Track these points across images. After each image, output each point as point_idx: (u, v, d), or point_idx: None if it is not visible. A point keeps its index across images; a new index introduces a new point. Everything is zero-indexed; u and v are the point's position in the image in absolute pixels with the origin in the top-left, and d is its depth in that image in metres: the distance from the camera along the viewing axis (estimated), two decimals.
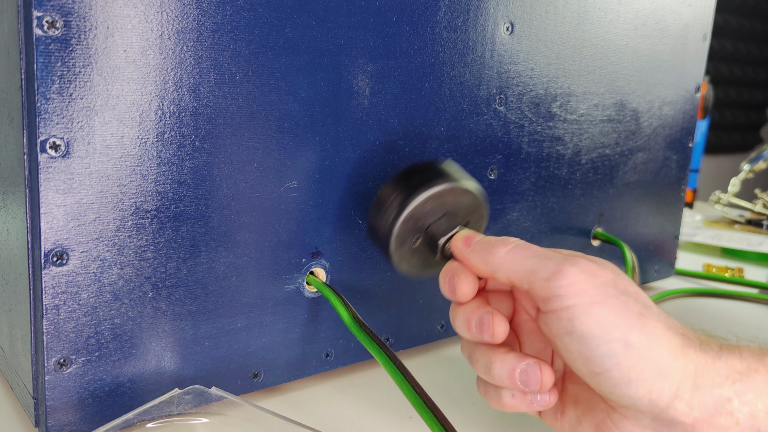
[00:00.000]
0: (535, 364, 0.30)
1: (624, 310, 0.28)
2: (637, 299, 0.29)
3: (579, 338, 0.28)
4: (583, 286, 0.29)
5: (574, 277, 0.29)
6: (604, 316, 0.28)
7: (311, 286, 0.41)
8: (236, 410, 0.35)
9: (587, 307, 0.28)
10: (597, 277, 0.29)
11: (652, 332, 0.28)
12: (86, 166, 0.32)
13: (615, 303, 0.29)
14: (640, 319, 0.28)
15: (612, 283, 0.29)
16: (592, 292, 0.29)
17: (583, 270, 0.29)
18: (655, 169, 0.62)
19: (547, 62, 0.50)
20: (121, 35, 0.31)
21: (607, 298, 0.29)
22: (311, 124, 0.38)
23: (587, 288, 0.29)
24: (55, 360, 0.32)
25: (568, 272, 0.29)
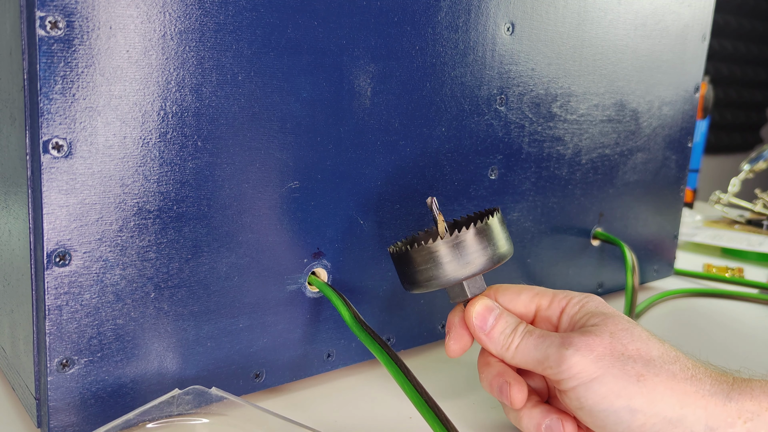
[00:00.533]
0: (558, 420, 0.34)
1: (623, 377, 0.31)
2: (637, 358, 0.32)
3: (589, 412, 0.32)
4: (582, 365, 0.31)
5: (571, 360, 0.32)
6: (605, 389, 0.31)
7: (313, 287, 0.41)
8: (236, 410, 0.35)
9: (588, 386, 0.31)
10: (593, 351, 0.32)
11: (653, 391, 0.31)
12: (89, 167, 0.32)
13: (614, 373, 0.31)
14: (639, 382, 0.31)
15: (609, 352, 0.32)
16: (591, 370, 0.31)
17: (578, 350, 0.32)
18: (654, 169, 0.62)
19: (547, 62, 0.50)
20: (124, 36, 0.31)
21: (606, 370, 0.31)
22: (313, 125, 0.39)
23: (585, 367, 0.31)
24: (58, 361, 0.32)
25: (566, 357, 0.32)
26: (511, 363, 0.35)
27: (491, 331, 0.35)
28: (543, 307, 0.37)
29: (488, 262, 0.36)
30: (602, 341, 0.32)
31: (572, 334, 0.33)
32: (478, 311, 0.36)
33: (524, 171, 0.50)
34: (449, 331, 0.38)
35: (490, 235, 0.36)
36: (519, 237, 0.52)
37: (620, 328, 0.33)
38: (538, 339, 0.34)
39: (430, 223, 0.46)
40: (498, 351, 0.35)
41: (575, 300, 0.36)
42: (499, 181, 0.49)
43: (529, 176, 0.51)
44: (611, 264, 0.61)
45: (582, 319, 0.35)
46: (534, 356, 0.34)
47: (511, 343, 0.35)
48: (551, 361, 0.32)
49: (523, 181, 0.51)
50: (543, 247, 0.54)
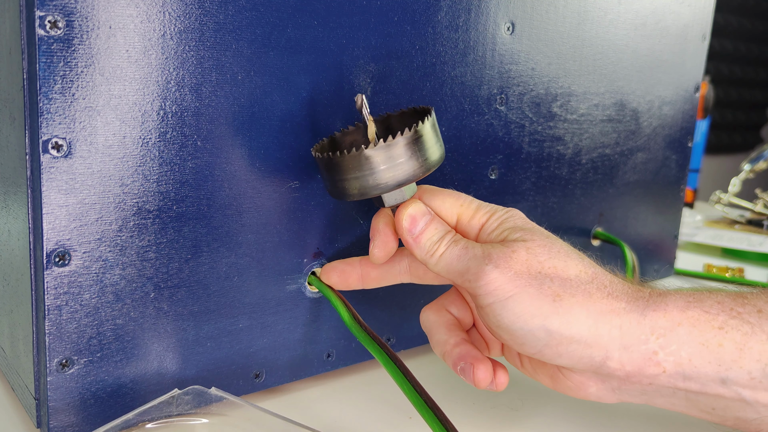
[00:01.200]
0: (470, 364, 0.34)
1: (539, 296, 0.31)
2: (554, 276, 0.32)
3: (506, 330, 0.32)
4: (498, 282, 0.31)
5: (489, 276, 0.32)
6: (520, 308, 0.31)
7: (312, 287, 0.41)
8: (236, 410, 0.35)
9: (504, 303, 0.31)
10: (511, 268, 0.32)
11: (569, 312, 0.31)
12: (88, 167, 0.32)
13: (530, 292, 0.31)
14: (554, 302, 0.31)
15: (526, 270, 0.32)
16: (507, 287, 0.31)
17: (497, 266, 0.32)
18: (654, 168, 0.62)
19: (547, 62, 0.50)
20: (124, 35, 0.31)
21: (522, 289, 0.31)
22: (313, 124, 0.38)
23: (502, 284, 0.31)
24: (57, 361, 0.32)
25: (485, 272, 0.32)
26: (434, 270, 0.35)
27: (420, 235, 0.35)
28: (464, 220, 0.36)
29: (419, 170, 0.35)
30: (519, 257, 0.32)
31: (493, 249, 0.33)
32: (410, 213, 0.35)
33: (524, 171, 0.50)
34: (374, 236, 0.37)
35: (422, 142, 0.34)
36: None
37: (538, 243, 0.33)
38: (462, 250, 0.34)
39: None
40: (422, 257, 0.35)
41: (497, 215, 0.36)
42: (499, 180, 0.49)
43: (529, 176, 0.51)
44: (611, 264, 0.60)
45: (502, 234, 0.34)
46: (456, 267, 0.33)
47: (436, 250, 0.34)
48: (470, 274, 0.32)
49: (524, 181, 0.51)
50: None
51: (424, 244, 0.35)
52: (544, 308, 0.31)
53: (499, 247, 0.33)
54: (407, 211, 0.35)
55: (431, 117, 0.35)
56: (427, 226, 0.35)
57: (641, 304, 0.31)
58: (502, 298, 0.31)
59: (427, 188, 0.37)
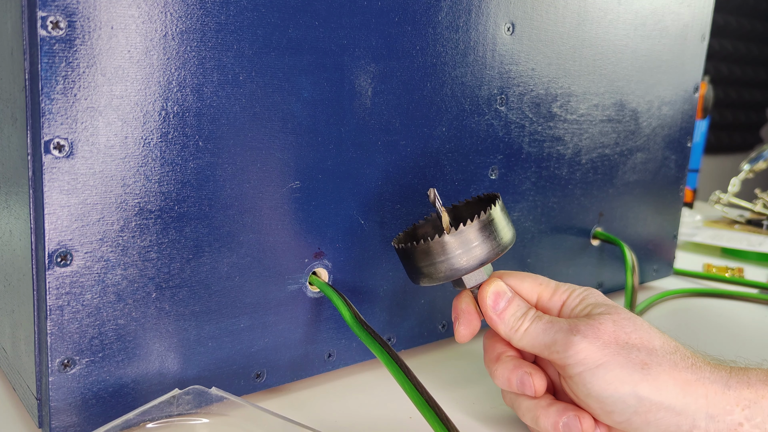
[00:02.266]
0: (575, 417, 0.34)
1: (628, 364, 0.32)
2: (641, 346, 0.33)
3: (596, 398, 0.32)
4: (588, 351, 0.33)
5: (578, 345, 0.33)
6: (611, 375, 0.32)
7: (314, 287, 0.41)
8: (236, 410, 0.35)
9: (594, 371, 0.32)
10: (599, 338, 0.33)
11: (657, 380, 0.32)
12: (90, 167, 0.32)
13: (619, 360, 0.32)
14: (643, 370, 0.32)
15: (614, 340, 0.33)
16: (597, 356, 0.32)
17: (585, 336, 0.33)
18: (654, 168, 0.62)
19: (547, 62, 0.50)
20: (125, 36, 0.31)
21: (611, 358, 0.32)
22: (314, 125, 0.39)
23: (592, 353, 0.32)
24: (59, 361, 0.32)
25: (573, 342, 0.33)
26: (518, 345, 0.36)
27: (503, 312, 0.36)
28: (544, 299, 0.38)
29: (494, 251, 0.37)
30: (606, 329, 0.33)
31: (579, 321, 0.34)
32: (493, 291, 0.37)
33: (524, 171, 0.51)
34: (458, 317, 0.38)
35: (494, 225, 0.37)
36: (519, 237, 0.52)
37: (623, 317, 0.34)
38: (547, 324, 0.35)
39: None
40: (507, 332, 0.36)
41: (576, 293, 0.37)
42: (499, 180, 0.49)
43: (529, 176, 0.51)
44: (611, 264, 0.61)
45: (584, 310, 0.36)
46: (542, 340, 0.35)
47: (521, 325, 0.36)
48: (559, 345, 0.33)
49: (523, 181, 0.51)
50: (543, 247, 0.54)
51: (508, 319, 0.36)
52: (634, 375, 0.32)
53: (585, 320, 0.34)
54: (490, 289, 0.37)
55: (500, 201, 0.38)
56: (509, 303, 0.37)
57: (724, 375, 0.32)
58: (592, 366, 0.32)
59: (504, 272, 0.39)
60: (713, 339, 0.56)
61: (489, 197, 0.40)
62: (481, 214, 0.36)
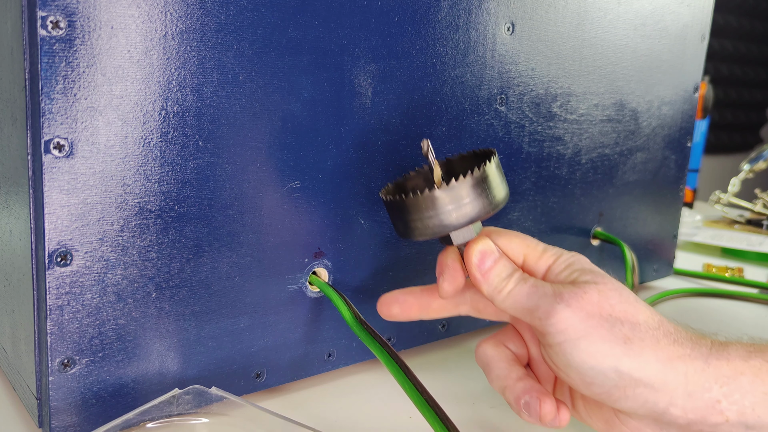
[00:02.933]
0: (536, 398, 0.34)
1: (611, 338, 0.31)
2: (624, 320, 0.32)
3: (576, 369, 0.32)
4: (570, 321, 0.32)
5: (561, 314, 0.32)
6: (593, 348, 0.31)
7: (314, 286, 0.41)
8: (236, 410, 0.35)
9: (575, 342, 0.32)
10: (583, 308, 0.32)
11: (640, 355, 0.31)
12: (90, 167, 0.32)
13: (602, 333, 0.31)
14: (626, 344, 0.31)
15: (598, 312, 0.32)
16: (579, 327, 0.32)
17: (569, 305, 0.32)
18: (654, 168, 0.62)
19: (547, 62, 0.50)
20: (125, 35, 0.31)
21: (594, 330, 0.32)
22: (314, 125, 0.39)
23: (574, 323, 0.32)
24: (59, 361, 0.32)
25: (556, 311, 0.32)
26: (501, 306, 0.35)
27: (488, 271, 0.35)
28: (531, 261, 0.37)
29: (486, 209, 0.35)
30: (591, 299, 0.32)
31: (564, 288, 0.33)
32: (480, 249, 0.36)
33: (524, 171, 0.51)
34: (442, 272, 0.37)
35: (487, 182, 0.35)
36: None
37: (609, 287, 0.33)
38: (532, 287, 0.34)
39: None
40: (490, 292, 0.35)
41: (563, 258, 0.36)
42: None
43: (529, 176, 0.51)
44: (611, 263, 0.61)
45: (570, 276, 0.35)
46: (525, 304, 0.34)
47: (505, 286, 0.35)
48: (541, 312, 0.33)
49: (523, 181, 0.51)
50: None
51: (493, 279, 0.35)
52: (615, 349, 0.31)
53: (570, 287, 0.33)
54: (477, 247, 0.36)
55: (495, 158, 0.36)
56: (495, 262, 0.36)
57: (704, 352, 0.32)
58: (574, 337, 0.32)
59: (493, 229, 0.38)
60: None
61: (485, 152, 0.38)
62: (475, 170, 0.35)
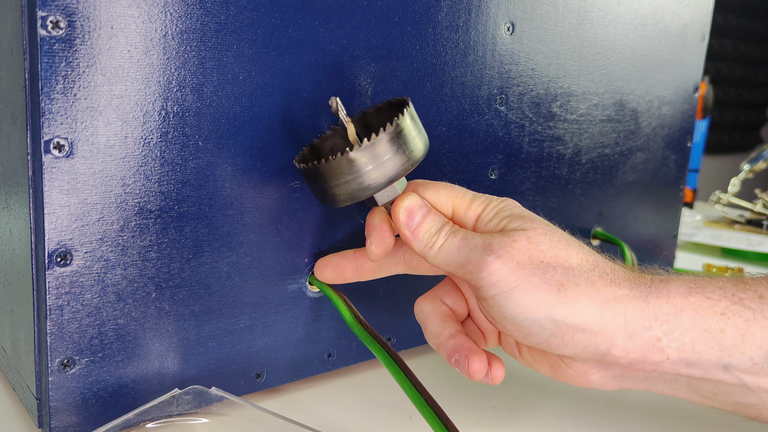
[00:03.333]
0: (464, 356, 0.33)
1: (543, 286, 0.31)
2: (557, 265, 0.31)
3: (510, 321, 0.31)
4: (501, 273, 0.31)
5: (492, 267, 0.31)
6: (525, 298, 0.31)
7: (314, 286, 0.41)
8: (236, 410, 0.35)
9: (508, 294, 0.31)
10: (513, 258, 0.31)
11: (574, 301, 0.30)
12: (90, 167, 0.32)
13: (534, 282, 0.31)
14: (559, 291, 0.31)
15: (528, 259, 0.31)
16: (510, 278, 0.31)
17: (498, 256, 0.31)
18: (654, 168, 0.62)
19: (547, 62, 0.50)
20: (125, 35, 0.31)
21: (526, 279, 0.31)
22: (314, 125, 0.39)
23: (505, 274, 0.31)
24: (59, 361, 0.32)
25: (486, 263, 0.31)
26: (433, 263, 0.34)
27: (417, 228, 0.34)
28: (460, 211, 0.36)
29: (405, 165, 0.34)
30: (521, 247, 0.32)
31: (493, 239, 0.32)
32: (406, 206, 0.35)
33: (524, 171, 0.51)
34: (369, 233, 0.36)
35: (404, 136, 0.33)
36: None
37: (539, 232, 0.32)
38: (461, 241, 0.33)
39: None
40: (421, 249, 0.34)
41: (492, 205, 0.35)
42: (499, 180, 0.49)
43: (529, 176, 0.51)
44: None
45: (500, 224, 0.34)
46: (456, 259, 0.33)
47: (435, 242, 0.34)
48: (472, 265, 0.32)
49: (523, 181, 0.51)
50: None
51: (422, 236, 0.34)
52: (549, 298, 0.30)
53: (499, 236, 0.32)
54: (403, 204, 0.35)
55: (409, 108, 0.34)
56: (424, 218, 0.35)
57: (644, 291, 0.31)
58: (506, 289, 0.31)
59: (419, 182, 0.37)
60: None
61: (399, 102, 0.36)
62: (388, 125, 0.33)
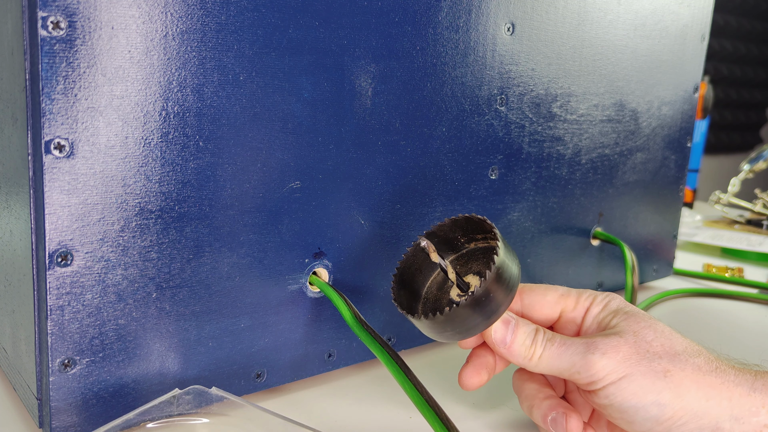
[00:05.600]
0: (562, 414, 0.35)
1: (650, 374, 0.32)
2: (662, 354, 0.33)
3: (619, 409, 0.32)
4: (610, 368, 0.32)
5: (599, 364, 0.32)
6: (634, 386, 0.32)
7: (314, 287, 0.41)
8: (237, 410, 0.35)
9: (617, 384, 0.32)
10: (619, 352, 0.33)
11: (680, 385, 0.31)
12: (90, 167, 0.32)
13: (641, 370, 0.32)
14: (666, 377, 0.32)
15: (635, 351, 0.33)
16: (619, 369, 0.32)
17: (604, 353, 0.33)
18: (653, 168, 0.62)
19: (547, 62, 0.50)
20: (126, 36, 0.31)
21: (634, 368, 0.32)
22: (314, 125, 0.39)
23: (613, 368, 0.32)
24: (60, 361, 0.32)
25: (593, 361, 0.33)
26: (535, 371, 0.35)
27: (511, 344, 0.35)
28: (568, 309, 0.37)
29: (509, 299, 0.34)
30: (626, 341, 0.33)
31: (596, 338, 0.34)
32: (495, 328, 0.36)
33: (524, 171, 0.51)
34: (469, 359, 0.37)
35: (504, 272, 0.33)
36: (519, 237, 0.52)
37: (643, 326, 0.34)
38: (561, 347, 0.34)
39: (431, 222, 0.46)
40: (521, 363, 0.35)
41: (599, 299, 0.37)
42: (499, 181, 0.49)
43: (529, 176, 0.51)
44: (611, 264, 0.61)
45: (606, 318, 0.36)
46: (559, 365, 0.34)
47: (533, 353, 0.35)
48: (578, 367, 0.33)
49: (523, 181, 0.51)
50: (543, 247, 0.54)
51: (519, 350, 0.35)
52: (657, 384, 0.32)
53: (601, 337, 0.34)
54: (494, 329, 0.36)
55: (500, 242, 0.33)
56: (515, 333, 0.35)
57: (749, 378, 0.32)
58: (615, 380, 0.32)
59: (524, 285, 0.38)
60: (713, 339, 0.56)
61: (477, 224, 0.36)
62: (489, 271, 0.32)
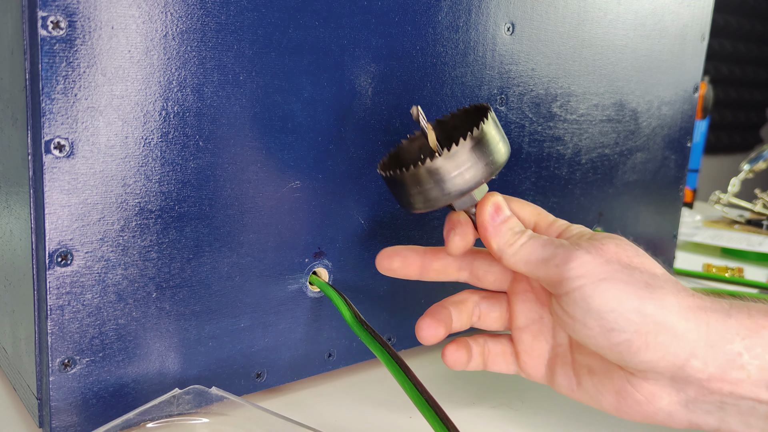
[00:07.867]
0: None
1: (631, 281, 0.31)
2: (642, 270, 0.32)
3: (596, 314, 0.31)
4: (591, 265, 0.31)
5: (582, 258, 0.31)
6: (615, 289, 0.31)
7: (314, 286, 0.41)
8: (237, 410, 0.35)
9: (597, 284, 0.31)
10: (602, 255, 0.32)
11: (662, 299, 0.30)
12: (90, 167, 0.32)
13: (622, 277, 0.31)
14: (647, 288, 0.31)
15: (616, 259, 0.32)
16: (600, 270, 0.31)
17: (588, 251, 0.32)
18: (653, 168, 0.62)
19: (547, 62, 0.50)
20: (126, 35, 0.31)
21: (614, 273, 0.31)
22: (314, 125, 0.39)
23: (594, 267, 0.31)
24: (60, 360, 0.32)
25: (576, 255, 0.31)
26: (511, 260, 0.34)
27: (502, 224, 0.35)
28: (541, 228, 0.37)
29: (489, 171, 0.34)
30: (609, 249, 0.32)
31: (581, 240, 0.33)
32: (495, 201, 0.35)
33: (524, 171, 0.51)
34: (454, 227, 0.36)
35: (487, 142, 0.33)
36: None
37: (625, 242, 0.33)
38: (546, 241, 0.34)
39: (431, 222, 0.46)
40: (501, 245, 0.34)
41: (573, 227, 0.36)
42: (499, 180, 0.49)
43: (529, 176, 0.51)
44: None
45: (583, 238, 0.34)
46: (540, 254, 0.33)
47: (517, 240, 0.34)
48: (559, 258, 0.32)
49: (523, 181, 0.51)
50: None
51: (505, 232, 0.34)
52: (639, 291, 0.30)
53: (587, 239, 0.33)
54: (492, 200, 0.35)
55: (491, 114, 0.34)
56: (510, 217, 0.35)
57: (725, 306, 0.31)
58: (595, 279, 0.31)
59: (506, 196, 0.38)
60: None
61: (478, 108, 0.36)
62: (473, 131, 0.33)
